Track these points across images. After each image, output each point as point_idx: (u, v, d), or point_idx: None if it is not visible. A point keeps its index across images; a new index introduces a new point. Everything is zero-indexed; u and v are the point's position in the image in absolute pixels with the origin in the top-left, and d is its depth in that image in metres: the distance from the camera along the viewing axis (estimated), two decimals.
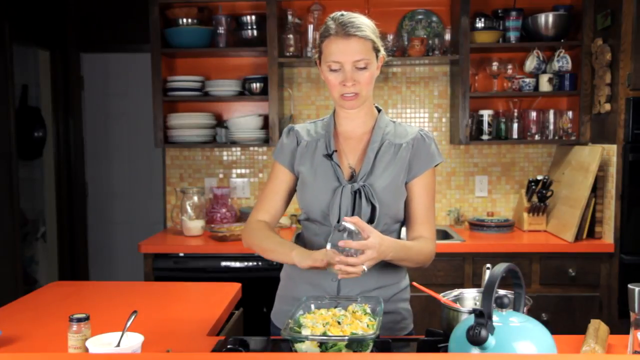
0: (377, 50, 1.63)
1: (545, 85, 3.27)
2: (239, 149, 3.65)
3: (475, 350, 1.16)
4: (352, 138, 1.72)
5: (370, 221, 1.62)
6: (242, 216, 3.55)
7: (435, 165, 1.72)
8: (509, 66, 3.31)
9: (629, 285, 1.34)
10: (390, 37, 3.31)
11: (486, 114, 3.33)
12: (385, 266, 1.67)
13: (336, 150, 1.69)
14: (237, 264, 3.04)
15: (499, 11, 3.32)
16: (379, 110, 1.75)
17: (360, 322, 1.39)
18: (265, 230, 1.72)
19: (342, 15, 1.62)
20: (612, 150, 2.95)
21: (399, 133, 1.72)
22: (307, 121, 1.83)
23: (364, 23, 1.61)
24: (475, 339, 1.14)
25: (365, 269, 1.47)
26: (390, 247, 1.53)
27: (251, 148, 3.65)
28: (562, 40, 3.26)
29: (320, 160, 1.69)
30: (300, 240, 1.80)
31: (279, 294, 1.82)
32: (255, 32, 3.35)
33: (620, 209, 2.91)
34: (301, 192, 1.72)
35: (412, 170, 1.69)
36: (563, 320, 2.94)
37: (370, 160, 1.66)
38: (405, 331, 1.74)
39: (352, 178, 1.67)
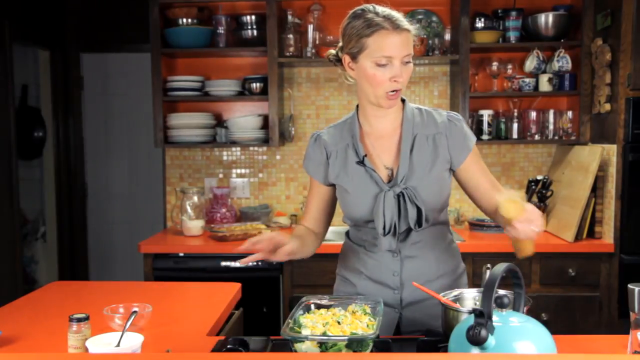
0: None
1: (545, 85, 3.27)
2: (238, 148, 3.65)
3: (475, 350, 1.16)
4: (382, 137, 1.68)
5: (419, 224, 1.60)
6: (242, 216, 3.55)
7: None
8: (509, 66, 3.31)
9: (629, 285, 1.34)
10: None
11: (486, 114, 3.32)
12: (443, 252, 1.69)
13: (366, 155, 1.64)
14: (237, 264, 3.04)
15: (499, 11, 3.32)
16: (403, 101, 1.70)
17: (360, 322, 1.39)
18: (293, 234, 1.74)
19: (375, 7, 1.57)
20: (612, 150, 2.95)
21: (428, 122, 1.67)
22: (331, 125, 1.78)
23: (402, 16, 1.58)
24: (475, 339, 1.14)
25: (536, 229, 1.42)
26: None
27: (251, 148, 3.65)
28: (562, 40, 3.26)
29: (354, 167, 1.65)
30: (351, 237, 1.79)
31: (338, 289, 1.81)
32: (255, 32, 3.35)
33: (620, 209, 2.90)
34: (342, 200, 1.71)
35: (455, 157, 1.66)
36: (563, 320, 2.94)
37: (407, 158, 1.62)
38: None
39: (391, 180, 1.64)
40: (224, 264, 3.04)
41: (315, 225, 1.79)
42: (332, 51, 1.69)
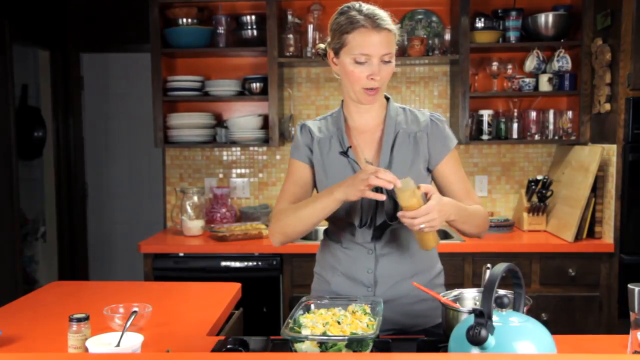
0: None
1: (545, 85, 3.27)
2: (238, 148, 3.65)
3: (475, 350, 1.16)
4: (365, 132, 1.70)
5: (394, 217, 1.61)
6: (242, 216, 3.55)
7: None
8: (509, 66, 3.30)
9: (629, 285, 1.34)
10: None
11: (486, 114, 3.33)
12: (418, 251, 1.68)
13: (350, 146, 1.67)
14: (237, 264, 3.04)
15: (499, 11, 3.32)
16: (387, 99, 1.73)
17: (360, 322, 1.39)
18: (294, 206, 1.65)
19: (361, 5, 1.59)
20: (612, 150, 2.95)
21: (411, 120, 1.70)
22: (316, 117, 1.80)
23: (386, 15, 1.59)
24: (475, 339, 1.14)
25: (423, 227, 1.45)
26: (451, 207, 1.53)
27: (251, 148, 3.65)
28: (562, 40, 3.26)
29: (336, 158, 1.67)
30: (329, 234, 1.78)
31: (315, 287, 1.81)
32: (255, 32, 3.35)
33: (620, 209, 2.91)
34: (320, 189, 1.70)
35: (434, 156, 1.68)
36: (563, 320, 2.95)
37: (387, 152, 1.64)
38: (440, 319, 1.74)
39: None
40: (224, 264, 3.05)
41: None
42: (322, 45, 1.72)
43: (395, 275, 1.66)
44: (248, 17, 3.36)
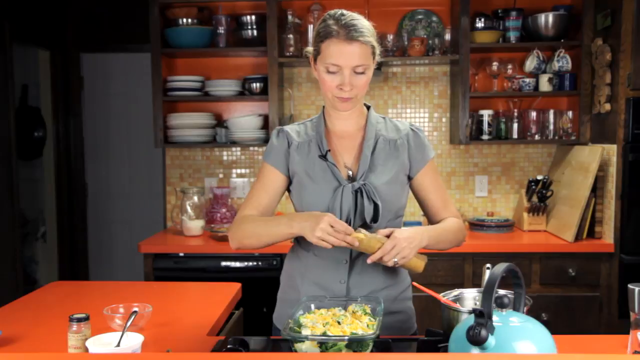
0: (374, 55, 1.62)
1: (545, 85, 3.27)
2: (239, 148, 3.65)
3: (475, 350, 1.16)
4: (345, 137, 1.71)
5: (374, 220, 1.61)
6: None
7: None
8: (509, 66, 3.30)
9: (629, 285, 1.34)
10: (390, 37, 3.31)
11: (486, 114, 3.32)
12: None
13: (330, 150, 1.67)
14: (237, 264, 3.04)
15: (499, 11, 3.32)
16: (368, 107, 1.75)
17: (360, 322, 1.39)
18: (255, 218, 1.67)
19: (342, 15, 1.58)
20: (612, 150, 2.95)
21: (391, 128, 1.73)
22: (296, 122, 1.81)
23: (365, 26, 1.58)
24: (475, 339, 1.14)
25: (396, 261, 1.52)
26: (418, 233, 1.56)
27: (251, 148, 3.65)
28: (562, 40, 3.26)
29: (316, 162, 1.67)
30: (300, 242, 1.76)
31: (281, 296, 1.79)
32: (255, 32, 3.35)
33: (620, 209, 2.90)
34: (299, 194, 1.69)
35: (413, 164, 1.71)
36: (563, 320, 2.94)
37: (367, 157, 1.65)
38: (411, 331, 1.74)
39: (351, 178, 1.66)
40: (224, 264, 3.05)
41: (261, 215, 1.71)
42: (309, 49, 1.71)
43: (367, 287, 1.66)
44: (248, 17, 3.36)
